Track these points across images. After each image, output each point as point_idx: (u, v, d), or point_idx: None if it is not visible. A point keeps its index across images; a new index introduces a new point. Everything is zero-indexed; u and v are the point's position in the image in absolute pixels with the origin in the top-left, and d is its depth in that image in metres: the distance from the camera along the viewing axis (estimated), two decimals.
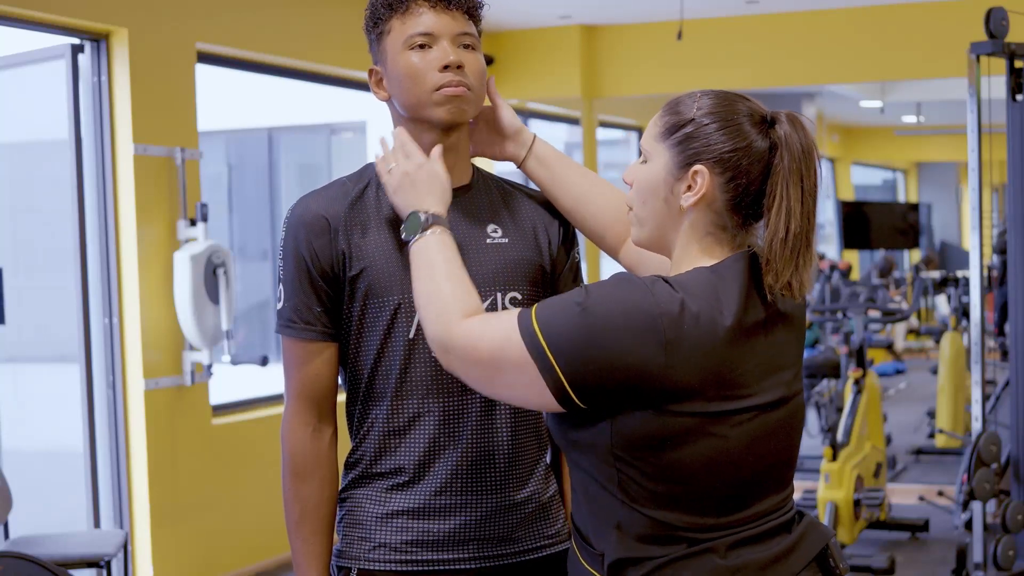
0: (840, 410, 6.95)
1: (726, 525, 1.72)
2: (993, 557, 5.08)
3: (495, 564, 2.08)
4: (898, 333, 13.54)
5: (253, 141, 12.19)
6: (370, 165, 2.16)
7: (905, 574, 5.69)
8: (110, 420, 5.39)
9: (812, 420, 8.59)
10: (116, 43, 5.33)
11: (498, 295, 2.08)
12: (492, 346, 1.74)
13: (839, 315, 8.06)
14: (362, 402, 2.09)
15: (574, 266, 2.21)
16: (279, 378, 2.19)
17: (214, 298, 5.50)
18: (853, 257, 15.96)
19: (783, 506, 1.79)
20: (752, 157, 1.75)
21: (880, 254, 15.87)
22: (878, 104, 12.16)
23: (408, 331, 2.02)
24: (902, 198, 19.49)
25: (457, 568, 2.07)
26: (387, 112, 2.13)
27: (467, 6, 2.07)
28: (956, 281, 9.03)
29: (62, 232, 5.43)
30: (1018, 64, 5.23)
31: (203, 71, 5.92)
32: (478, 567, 2.07)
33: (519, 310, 1.75)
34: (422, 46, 2.03)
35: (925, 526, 6.32)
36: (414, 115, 2.06)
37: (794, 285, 1.74)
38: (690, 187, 1.77)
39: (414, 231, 1.92)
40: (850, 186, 16.80)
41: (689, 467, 1.69)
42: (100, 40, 5.32)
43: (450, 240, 1.92)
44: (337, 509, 2.13)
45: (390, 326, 2.03)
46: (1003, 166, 5.43)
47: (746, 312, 1.72)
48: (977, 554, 5.16)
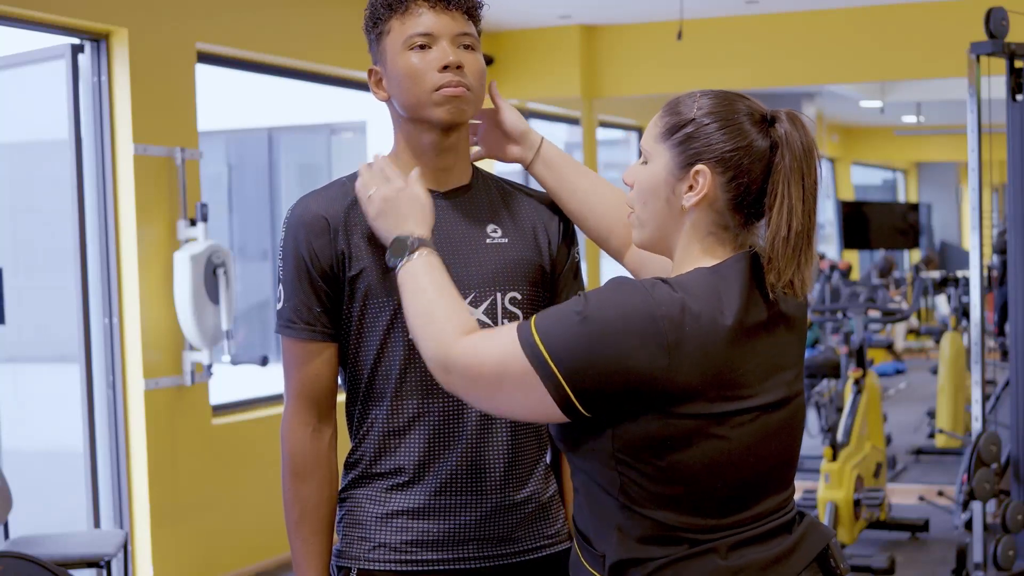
0: (840, 410, 6.95)
1: (727, 526, 1.72)
2: (993, 557, 5.08)
3: (495, 564, 2.08)
4: (898, 333, 13.54)
5: (253, 141, 12.19)
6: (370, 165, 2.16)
7: (905, 574, 5.69)
8: (110, 420, 5.39)
9: (812, 420, 8.59)
10: (116, 43, 5.33)
11: (498, 295, 2.08)
12: (493, 361, 1.72)
13: (839, 315, 8.06)
14: (362, 402, 2.09)
15: (574, 265, 2.21)
16: (279, 378, 2.19)
17: (214, 298, 5.50)
18: (853, 257, 15.96)
19: (784, 507, 1.79)
20: (753, 156, 1.75)
21: (880, 254, 15.87)
22: (878, 104, 12.16)
23: (408, 331, 2.02)
24: (902, 198, 19.49)
25: (457, 568, 2.07)
26: (387, 112, 2.13)
27: (467, 6, 2.07)
28: (956, 281, 9.03)
29: (62, 232, 5.43)
30: (1018, 64, 5.23)
31: (203, 71, 5.92)
32: (478, 567, 2.07)
33: (517, 323, 1.74)
34: (422, 46, 2.03)
35: (925, 526, 6.32)
36: (413, 115, 2.05)
37: (796, 283, 1.74)
38: (692, 187, 1.77)
39: (400, 255, 1.90)
40: (850, 186, 16.80)
41: (691, 469, 1.69)
42: (100, 40, 5.32)
43: (437, 261, 1.89)
44: (337, 509, 2.13)
45: (390, 326, 2.03)
46: (1003, 166, 5.43)
47: (747, 312, 1.72)
48: (977, 554, 5.16)
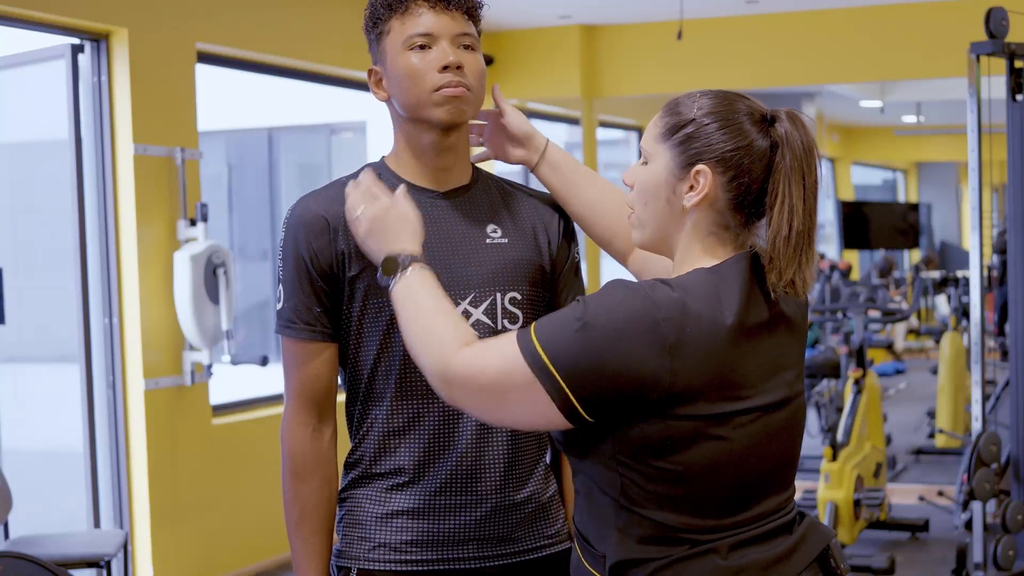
0: (840, 410, 6.95)
1: (728, 526, 1.72)
2: (993, 557, 5.08)
3: (495, 564, 2.08)
4: (898, 333, 13.54)
5: (253, 141, 12.19)
6: (369, 165, 2.16)
7: (905, 574, 5.69)
8: (110, 420, 5.39)
9: (812, 420, 8.59)
10: (116, 43, 5.33)
11: (497, 295, 2.08)
12: (495, 371, 1.71)
13: (839, 315, 8.06)
14: (362, 402, 2.09)
15: (575, 264, 2.21)
16: (279, 378, 2.19)
17: (214, 298, 5.50)
18: (853, 257, 15.96)
19: (785, 507, 1.79)
20: (754, 156, 1.75)
21: (880, 254, 15.87)
22: (878, 104, 12.16)
23: None
24: (902, 198, 19.49)
25: (457, 568, 2.07)
26: (387, 112, 2.13)
27: (467, 6, 2.07)
28: (956, 281, 9.03)
29: (62, 232, 5.43)
30: (1018, 64, 5.23)
31: (203, 71, 5.92)
32: (478, 567, 2.07)
33: (517, 332, 1.73)
34: (422, 46, 2.03)
35: (925, 526, 6.32)
36: (413, 115, 2.06)
37: (797, 283, 1.74)
38: (692, 187, 1.76)
39: (392, 273, 1.88)
40: (850, 186, 16.80)
41: (692, 469, 1.69)
42: (100, 40, 5.32)
43: (431, 275, 1.87)
44: (337, 509, 2.13)
45: (390, 326, 2.03)
46: (1003, 166, 5.43)
47: (748, 312, 1.72)
48: (977, 554, 5.16)
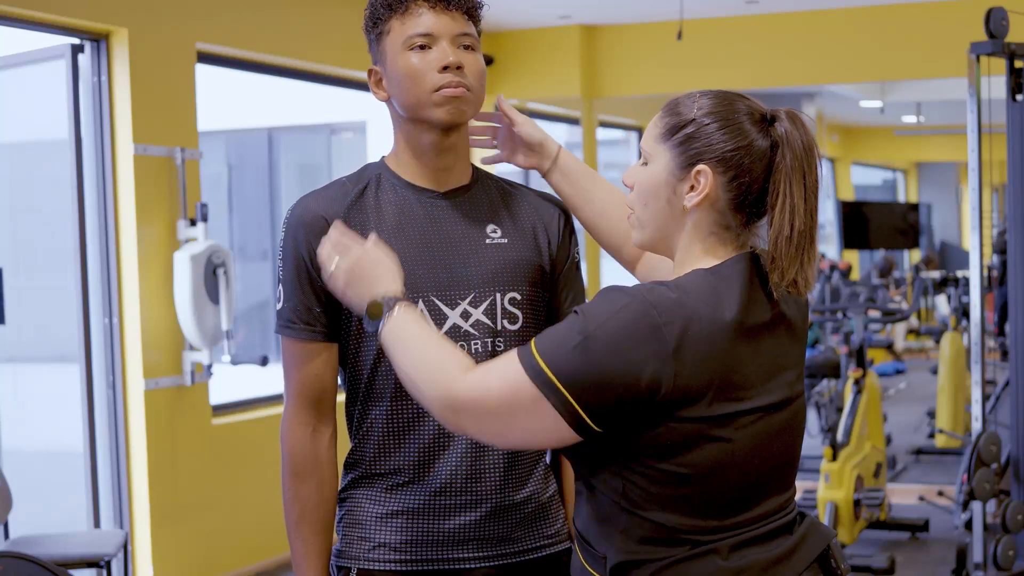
0: (840, 410, 6.94)
1: (729, 527, 1.72)
2: (993, 557, 5.07)
3: (495, 564, 2.08)
4: (898, 333, 13.54)
5: (253, 141, 12.19)
6: (369, 165, 2.16)
7: (905, 574, 5.69)
8: (110, 420, 5.39)
9: (812, 420, 8.59)
10: (116, 43, 5.32)
11: (497, 295, 2.08)
12: (501, 392, 1.70)
13: (839, 315, 8.06)
14: (362, 402, 2.09)
15: (575, 263, 2.21)
16: (279, 378, 2.19)
17: (214, 298, 5.50)
18: (853, 257, 15.95)
19: (785, 507, 1.79)
20: (754, 155, 1.75)
21: (880, 254, 15.87)
22: (878, 104, 12.16)
23: None
24: (902, 198, 19.48)
25: (456, 568, 2.07)
26: (387, 112, 2.13)
27: (467, 6, 2.07)
28: (956, 281, 9.03)
29: (62, 232, 5.43)
30: (1018, 64, 5.23)
31: (203, 71, 5.92)
32: (477, 567, 2.07)
33: (516, 351, 1.71)
34: (422, 47, 2.03)
35: (925, 526, 6.31)
36: (413, 116, 2.06)
37: (799, 282, 1.75)
38: (693, 187, 1.76)
39: (378, 316, 1.86)
40: (850, 186, 16.80)
41: (695, 471, 1.69)
42: (100, 40, 5.32)
43: (417, 313, 1.86)
44: (337, 509, 2.13)
45: None
46: (1003, 166, 5.43)
47: (748, 312, 1.72)
48: (977, 554, 5.16)
